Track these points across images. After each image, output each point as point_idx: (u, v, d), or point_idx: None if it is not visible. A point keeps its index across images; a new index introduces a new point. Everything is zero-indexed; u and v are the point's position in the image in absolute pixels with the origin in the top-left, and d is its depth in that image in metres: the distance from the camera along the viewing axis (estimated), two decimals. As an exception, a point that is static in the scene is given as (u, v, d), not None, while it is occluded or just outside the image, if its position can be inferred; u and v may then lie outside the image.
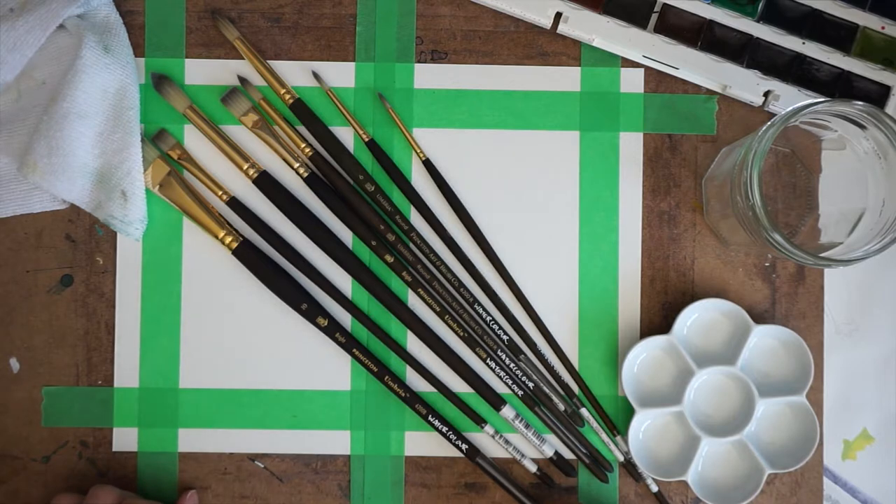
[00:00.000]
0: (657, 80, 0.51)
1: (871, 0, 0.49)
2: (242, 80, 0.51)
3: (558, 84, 0.51)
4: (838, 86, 0.49)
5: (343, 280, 0.51)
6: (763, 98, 0.50)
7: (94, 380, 0.50)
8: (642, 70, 0.51)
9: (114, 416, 0.50)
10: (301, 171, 0.50)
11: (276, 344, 0.50)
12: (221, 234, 0.49)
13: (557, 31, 0.50)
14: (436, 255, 0.50)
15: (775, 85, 0.50)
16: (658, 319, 0.51)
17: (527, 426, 0.50)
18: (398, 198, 0.51)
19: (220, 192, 0.50)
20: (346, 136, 0.51)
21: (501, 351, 0.50)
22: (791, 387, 0.49)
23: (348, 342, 0.50)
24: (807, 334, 0.50)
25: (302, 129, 0.51)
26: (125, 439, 0.50)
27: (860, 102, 0.40)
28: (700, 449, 0.48)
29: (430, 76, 0.51)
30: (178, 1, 0.51)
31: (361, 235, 0.50)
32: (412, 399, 0.50)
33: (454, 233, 0.51)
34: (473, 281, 0.50)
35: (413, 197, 0.50)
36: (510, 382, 0.50)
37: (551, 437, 0.50)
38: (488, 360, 0.50)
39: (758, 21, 0.50)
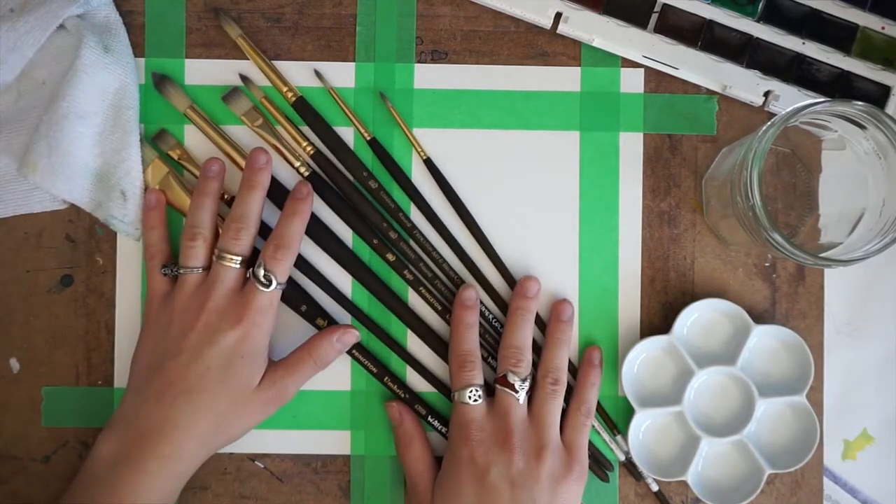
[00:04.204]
0: (657, 80, 0.51)
1: (871, 0, 0.49)
2: (244, 78, 0.51)
3: (558, 84, 0.51)
4: (838, 86, 0.50)
5: (343, 280, 0.51)
6: (763, 98, 0.50)
7: (94, 380, 0.50)
8: (642, 70, 0.51)
9: (114, 416, 0.50)
10: (302, 169, 0.50)
11: (275, 344, 0.50)
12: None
13: (557, 31, 0.50)
14: (437, 253, 0.50)
15: (775, 85, 0.50)
16: (658, 319, 0.51)
17: (527, 426, 0.50)
18: (399, 196, 0.51)
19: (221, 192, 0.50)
20: (346, 135, 0.51)
21: (501, 351, 0.50)
22: (791, 387, 0.49)
23: (348, 342, 0.50)
24: (807, 334, 0.50)
25: (303, 127, 0.51)
26: (125, 439, 0.50)
27: (860, 102, 0.40)
28: (700, 449, 0.48)
29: (430, 76, 0.51)
30: (178, 1, 0.51)
31: (362, 234, 0.50)
32: (412, 399, 0.50)
33: (455, 232, 0.51)
34: (475, 280, 0.50)
35: (414, 196, 0.50)
36: (510, 382, 0.50)
37: (551, 437, 0.50)
38: (490, 360, 0.50)
39: (758, 21, 0.50)
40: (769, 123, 0.41)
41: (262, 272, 0.46)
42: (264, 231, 0.49)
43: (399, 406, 0.49)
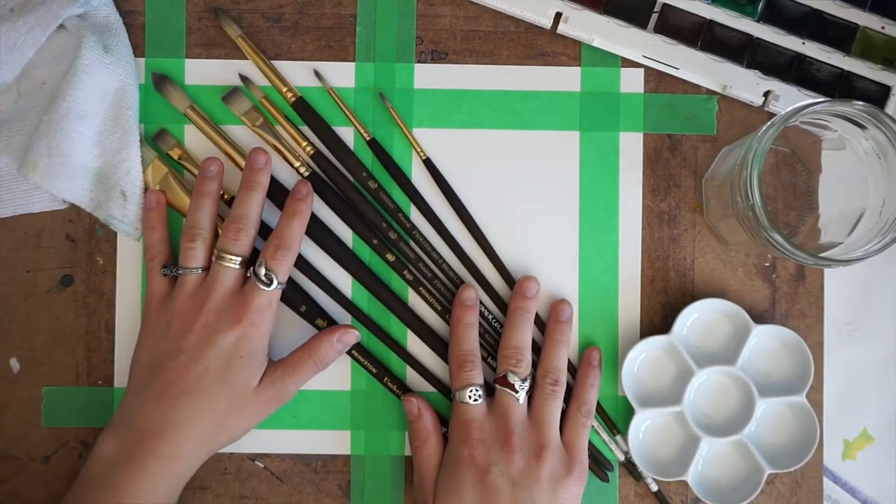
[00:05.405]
0: (657, 80, 0.51)
1: (871, 0, 0.49)
2: (244, 78, 0.51)
3: (558, 84, 0.51)
4: (838, 86, 0.50)
5: (343, 280, 0.51)
6: (763, 98, 0.50)
7: (94, 380, 0.50)
8: (642, 70, 0.51)
9: (114, 416, 0.50)
10: (302, 169, 0.50)
11: (275, 344, 0.50)
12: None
13: (557, 31, 0.50)
14: (437, 253, 0.50)
15: (775, 85, 0.50)
16: (658, 319, 0.51)
17: (527, 426, 0.50)
18: (399, 197, 0.51)
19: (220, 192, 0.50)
20: (345, 136, 0.51)
21: (501, 351, 0.50)
22: (791, 387, 0.49)
23: (348, 342, 0.50)
24: (807, 334, 0.50)
25: (303, 128, 0.51)
26: (125, 439, 0.50)
27: (860, 102, 0.40)
28: (700, 449, 0.48)
29: (430, 76, 0.51)
30: (178, 1, 0.51)
31: (362, 234, 0.50)
32: (412, 399, 0.50)
33: (455, 232, 0.51)
34: (474, 280, 0.50)
35: (414, 196, 0.50)
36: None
37: (551, 437, 0.50)
38: (489, 360, 0.50)
39: (758, 21, 0.50)
40: (769, 123, 0.41)
41: (263, 271, 0.46)
42: (264, 231, 0.49)
43: (418, 401, 0.49)
